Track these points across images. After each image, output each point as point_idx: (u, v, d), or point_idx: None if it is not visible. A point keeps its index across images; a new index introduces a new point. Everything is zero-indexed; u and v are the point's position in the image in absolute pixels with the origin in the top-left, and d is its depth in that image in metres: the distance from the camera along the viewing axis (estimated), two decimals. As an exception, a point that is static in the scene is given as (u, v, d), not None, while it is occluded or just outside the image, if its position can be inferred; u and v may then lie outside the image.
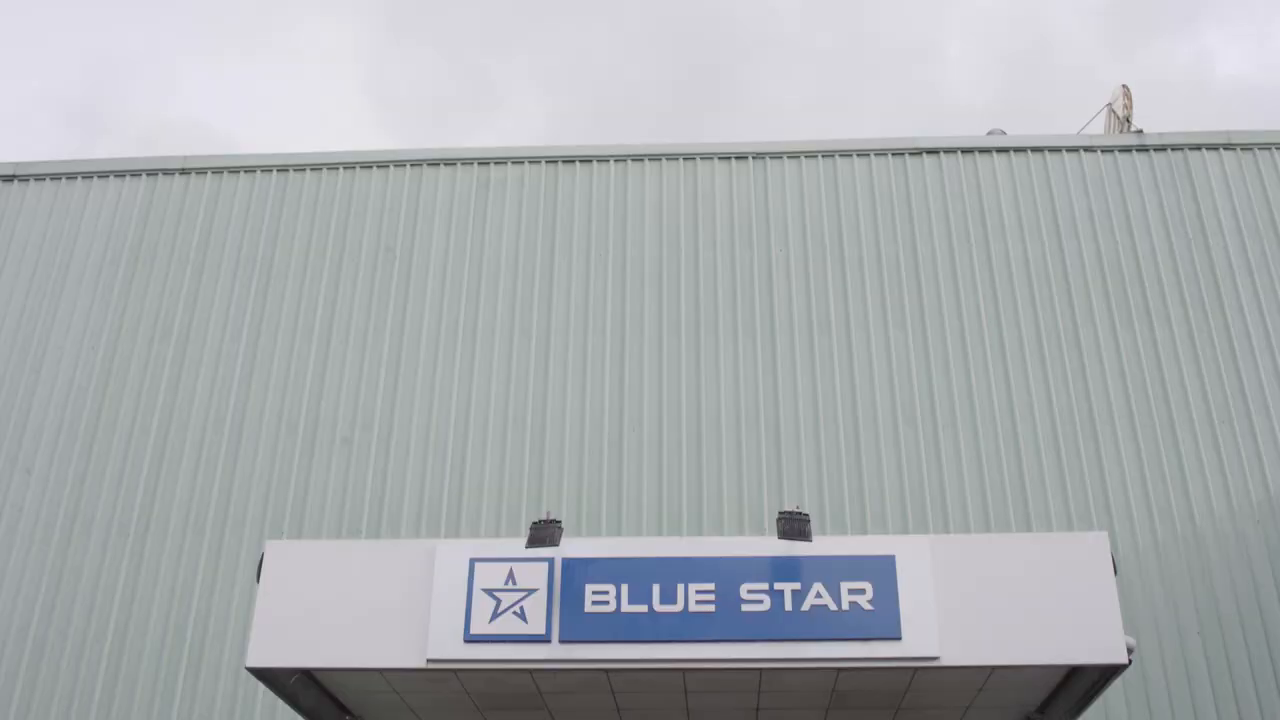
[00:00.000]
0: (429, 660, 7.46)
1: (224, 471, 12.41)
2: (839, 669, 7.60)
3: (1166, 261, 13.03)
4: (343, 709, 8.40)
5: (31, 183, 14.29)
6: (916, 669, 7.53)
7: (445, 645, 7.45)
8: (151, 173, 14.20)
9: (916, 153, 13.74)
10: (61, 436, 12.73)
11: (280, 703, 8.94)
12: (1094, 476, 11.89)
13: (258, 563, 7.88)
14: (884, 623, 7.38)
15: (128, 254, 13.71)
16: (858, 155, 13.80)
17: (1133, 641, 7.65)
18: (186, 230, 13.80)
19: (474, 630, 7.46)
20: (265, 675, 7.78)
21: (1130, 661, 7.48)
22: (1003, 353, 12.56)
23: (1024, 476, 11.90)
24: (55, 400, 12.95)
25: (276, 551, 7.96)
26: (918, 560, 7.55)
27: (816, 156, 13.80)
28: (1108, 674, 7.57)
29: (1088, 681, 7.70)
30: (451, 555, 7.70)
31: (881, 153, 13.79)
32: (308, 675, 7.90)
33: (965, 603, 7.47)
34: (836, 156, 13.80)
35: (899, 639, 7.36)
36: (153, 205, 14.00)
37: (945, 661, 7.38)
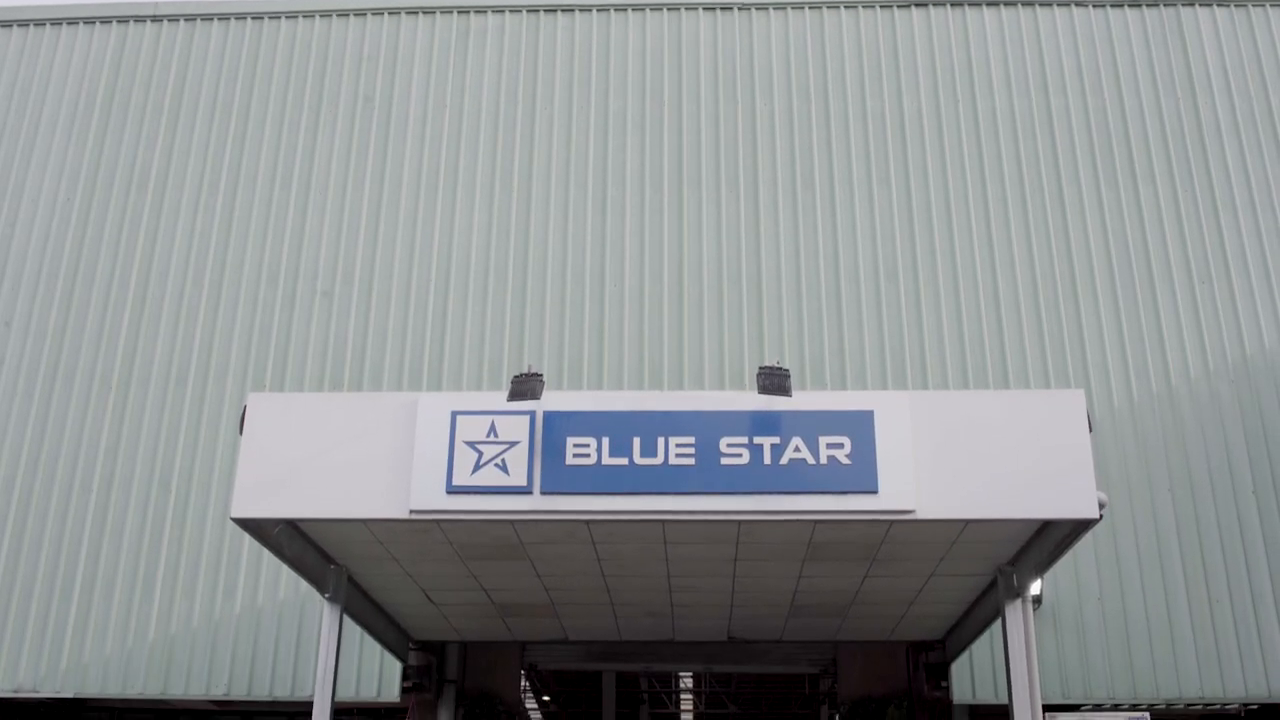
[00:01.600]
0: (412, 511, 7.54)
1: (205, 324, 12.39)
2: (816, 521, 7.72)
3: (1154, 119, 12.91)
4: (327, 558, 8.52)
5: (-1, 29, 13.93)
6: (892, 522, 7.65)
7: (427, 497, 7.52)
8: (123, 20, 13.85)
9: (905, 5, 13.47)
10: (40, 289, 12.65)
11: (266, 552, 9.07)
12: (1073, 334, 11.96)
13: (240, 415, 7.90)
14: (861, 476, 7.46)
15: (100, 103, 13.45)
16: (845, 7, 13.52)
17: (1104, 497, 7.77)
18: (160, 80, 13.52)
19: (456, 482, 7.52)
20: (250, 526, 7.87)
21: (1101, 517, 7.60)
22: (986, 210, 12.51)
23: (1004, 333, 11.96)
24: (32, 252, 12.83)
25: (259, 404, 7.97)
26: (896, 415, 7.61)
27: (803, 8, 13.52)
28: (1079, 528, 7.70)
29: (1059, 535, 7.85)
30: (433, 408, 7.72)
31: (869, 5, 13.52)
32: (292, 526, 7.99)
33: (942, 457, 7.55)
34: (824, 9, 13.52)
35: (876, 492, 7.45)
36: (124, 54, 13.69)
37: (921, 515, 7.48)
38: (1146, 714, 8.81)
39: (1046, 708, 8.57)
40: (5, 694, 11.24)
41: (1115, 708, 10.57)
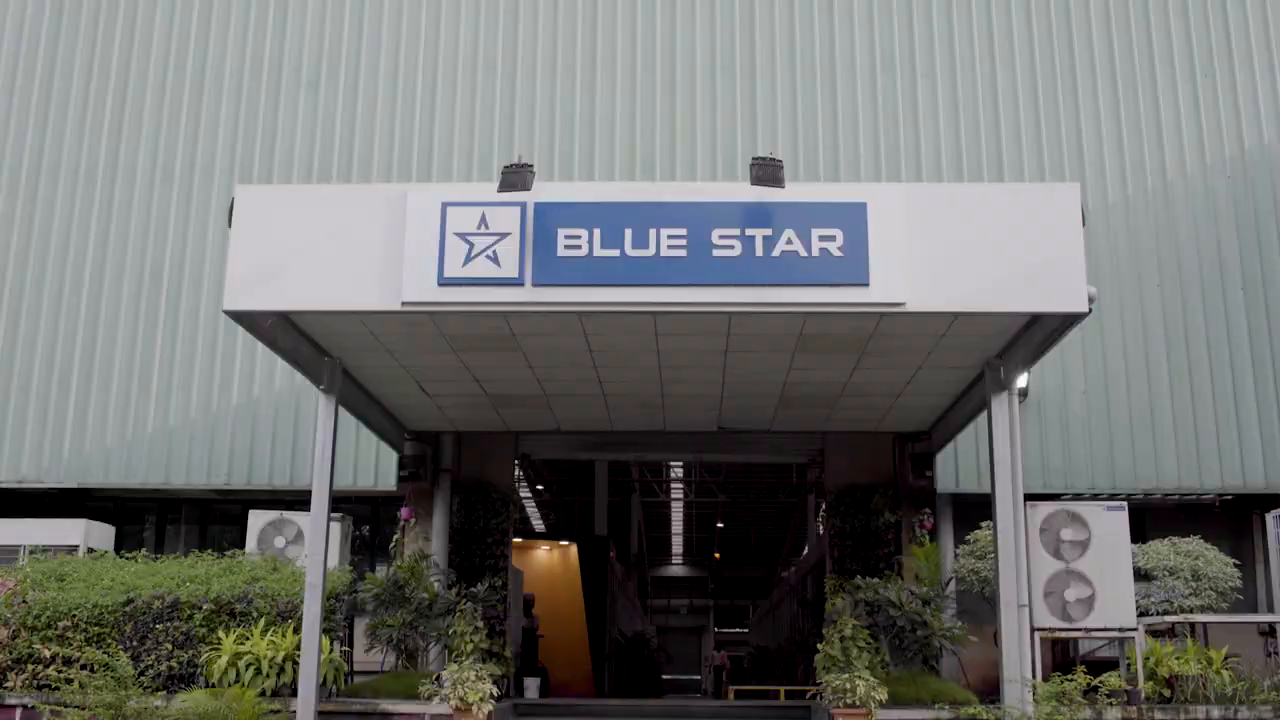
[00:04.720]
0: (404, 303, 7.56)
1: (189, 116, 12.19)
2: (806, 313, 7.76)
3: (1164, -96, 12.47)
4: (321, 350, 8.58)
5: None
6: (883, 314, 7.69)
7: (419, 288, 7.53)
8: None
9: None
10: (17, 83, 12.40)
11: (261, 345, 9.13)
12: (1070, 128, 11.81)
13: (229, 208, 7.84)
14: (853, 269, 7.47)
15: (70, -117, 12.92)
16: None
17: (1094, 291, 7.81)
18: None
19: (448, 274, 7.52)
20: (243, 318, 7.90)
21: (1090, 311, 7.65)
22: None
23: (1000, 126, 11.80)
24: (6, 48, 12.53)
25: (247, 197, 7.90)
26: (890, 208, 7.57)
27: None
28: (1067, 322, 7.76)
29: (1048, 329, 7.91)
30: (423, 199, 7.66)
31: None
32: (285, 318, 8.02)
33: (935, 251, 7.54)
34: None
35: (867, 285, 7.46)
36: None
37: (911, 307, 7.52)
38: (1124, 504, 9.02)
39: (1027, 497, 8.77)
40: (10, 484, 11.48)
41: (1095, 498, 10.84)
